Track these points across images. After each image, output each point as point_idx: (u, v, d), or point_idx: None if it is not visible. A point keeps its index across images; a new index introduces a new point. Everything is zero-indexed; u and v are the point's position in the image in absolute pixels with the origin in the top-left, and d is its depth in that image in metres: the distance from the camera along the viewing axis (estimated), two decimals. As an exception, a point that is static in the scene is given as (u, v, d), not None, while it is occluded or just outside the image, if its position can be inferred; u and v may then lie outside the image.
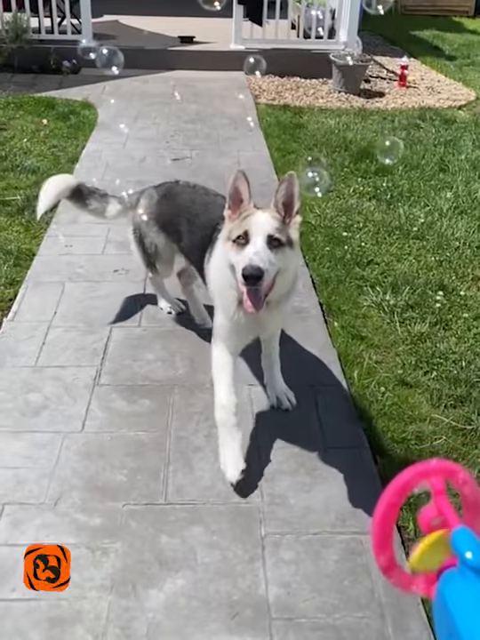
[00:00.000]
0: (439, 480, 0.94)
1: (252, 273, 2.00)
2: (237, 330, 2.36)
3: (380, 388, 2.84)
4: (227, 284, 2.25)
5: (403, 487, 0.94)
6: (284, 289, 2.25)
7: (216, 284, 2.40)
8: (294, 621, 1.91)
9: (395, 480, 0.95)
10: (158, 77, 7.12)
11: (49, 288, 3.37)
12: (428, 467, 0.95)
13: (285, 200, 2.16)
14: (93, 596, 1.94)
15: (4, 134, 5.28)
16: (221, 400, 2.35)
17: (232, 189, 2.19)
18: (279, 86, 7.20)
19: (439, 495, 0.94)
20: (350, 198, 4.60)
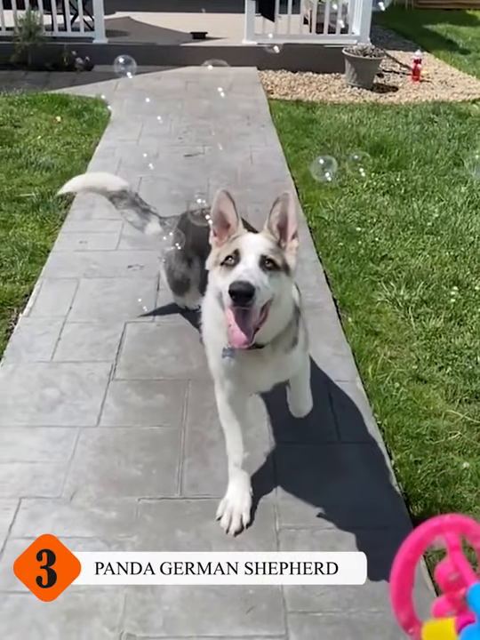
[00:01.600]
0: (454, 535, 0.95)
1: (240, 288, 1.70)
2: (232, 379, 2.09)
3: (395, 383, 2.84)
4: (216, 323, 1.97)
5: (418, 543, 0.95)
6: (278, 324, 1.93)
7: (205, 324, 2.11)
8: (309, 615, 1.92)
9: (410, 536, 0.96)
10: (171, 73, 7.13)
11: (64, 284, 3.39)
12: (442, 522, 0.95)
13: (280, 222, 1.92)
14: (110, 589, 1.96)
15: (18, 131, 5.31)
16: (232, 457, 2.24)
17: (216, 213, 1.93)
18: (292, 81, 7.17)
19: (455, 551, 0.94)
20: (364, 193, 4.58)
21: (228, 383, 2.12)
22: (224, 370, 2.07)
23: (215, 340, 2.03)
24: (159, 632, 1.85)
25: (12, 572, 1.97)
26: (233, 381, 2.10)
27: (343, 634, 1.88)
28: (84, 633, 1.84)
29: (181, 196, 4.42)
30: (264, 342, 1.93)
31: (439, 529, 0.95)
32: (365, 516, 2.23)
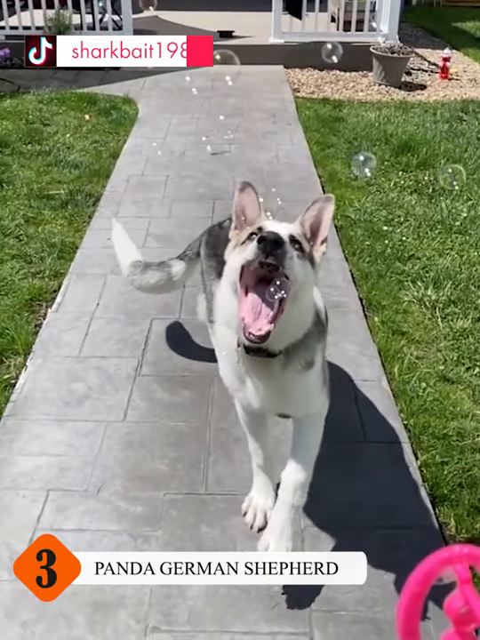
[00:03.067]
0: (464, 567, 0.90)
1: (269, 236, 1.51)
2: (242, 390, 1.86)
3: (421, 383, 2.81)
4: (226, 323, 1.79)
5: (426, 576, 0.91)
6: (295, 325, 1.69)
7: (216, 325, 1.92)
8: (334, 614, 1.92)
9: (417, 568, 0.92)
10: (198, 72, 7.11)
11: (92, 280, 3.43)
12: (451, 553, 0.91)
13: (313, 222, 1.76)
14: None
15: (47, 129, 5.38)
16: (254, 459, 2.19)
17: (238, 205, 1.77)
18: (318, 79, 7.15)
19: (465, 584, 0.90)
20: (391, 192, 4.55)
21: (239, 397, 1.95)
22: (227, 380, 1.90)
23: (225, 344, 1.82)
24: (184, 626, 1.87)
25: (39, 563, 2.00)
26: (244, 395, 1.88)
27: (367, 632, 1.87)
28: (109, 624, 1.86)
29: (207, 195, 4.45)
30: (276, 349, 1.70)
31: (448, 560, 0.91)
32: (391, 515, 2.22)
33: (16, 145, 5.00)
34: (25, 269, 3.46)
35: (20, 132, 5.22)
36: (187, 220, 4.09)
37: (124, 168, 4.82)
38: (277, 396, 1.84)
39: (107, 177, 4.64)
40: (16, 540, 2.08)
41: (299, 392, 1.87)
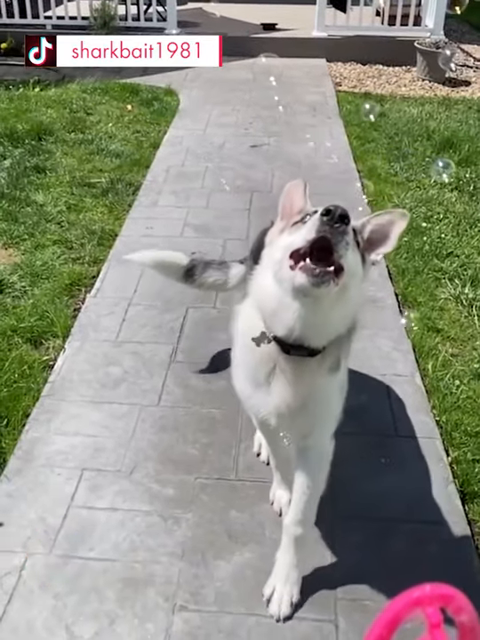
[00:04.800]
0: (435, 610, 0.82)
1: (335, 209, 1.37)
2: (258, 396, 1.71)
3: (455, 381, 2.80)
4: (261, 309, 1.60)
5: (393, 619, 0.83)
6: (339, 322, 1.56)
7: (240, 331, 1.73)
8: (359, 603, 1.93)
9: (384, 610, 0.84)
10: (240, 64, 7.16)
11: (130, 267, 3.47)
12: (422, 594, 0.83)
13: (376, 232, 1.56)
14: (165, 561, 2.02)
15: (90, 119, 5.46)
16: (272, 461, 2.21)
17: (286, 197, 1.67)
18: (361, 74, 7.10)
19: (435, 629, 0.82)
20: (431, 189, 4.50)
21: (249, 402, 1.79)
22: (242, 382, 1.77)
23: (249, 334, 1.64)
24: (211, 606, 1.90)
25: (73, 538, 2.07)
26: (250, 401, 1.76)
27: (392, 624, 1.88)
28: (138, 601, 1.91)
29: (245, 187, 4.47)
30: (319, 345, 1.56)
31: (418, 602, 0.83)
32: (419, 510, 2.22)
33: (60, 133, 5.09)
34: (65, 255, 3.54)
35: (64, 121, 5.31)
36: (225, 212, 4.12)
37: (165, 158, 4.87)
38: (300, 403, 1.67)
39: (147, 167, 4.70)
40: (51, 515, 2.14)
41: (321, 399, 1.71)
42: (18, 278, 3.27)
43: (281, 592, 1.91)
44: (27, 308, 3.06)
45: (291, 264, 1.45)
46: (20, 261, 3.44)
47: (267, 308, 1.56)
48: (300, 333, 1.52)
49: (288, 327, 1.52)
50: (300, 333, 1.52)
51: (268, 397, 1.68)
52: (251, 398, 1.76)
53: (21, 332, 2.90)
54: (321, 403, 1.73)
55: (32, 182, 4.28)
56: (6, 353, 2.77)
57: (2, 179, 4.26)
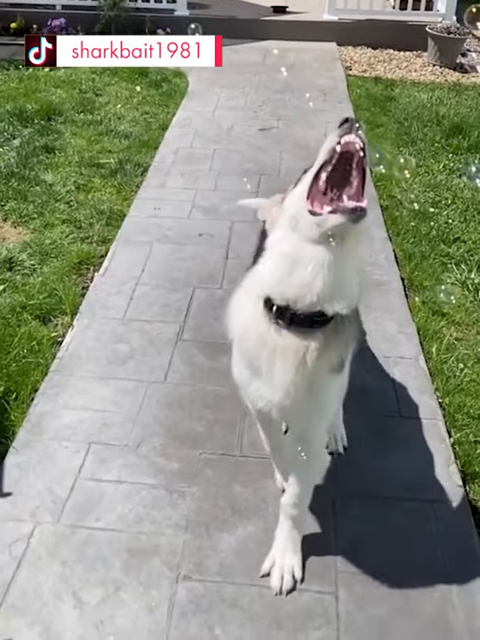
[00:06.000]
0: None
1: (351, 119, 1.39)
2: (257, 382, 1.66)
3: (459, 364, 2.82)
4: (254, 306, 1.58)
5: None
6: (350, 283, 1.50)
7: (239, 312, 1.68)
8: (359, 576, 1.97)
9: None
10: (249, 47, 7.11)
11: (138, 247, 3.51)
12: None
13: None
14: (170, 533, 2.07)
15: (99, 99, 5.46)
16: (266, 447, 2.19)
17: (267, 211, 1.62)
18: (371, 58, 7.05)
19: None
20: (439, 174, 4.50)
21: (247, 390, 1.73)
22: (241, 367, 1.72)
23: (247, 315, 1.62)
24: (214, 577, 1.95)
25: (80, 509, 2.11)
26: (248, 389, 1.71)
27: (392, 596, 1.92)
28: (144, 570, 1.95)
29: (253, 170, 4.47)
30: (330, 310, 1.49)
31: None
32: (421, 488, 2.25)
33: (69, 113, 5.10)
34: (74, 234, 3.56)
35: (74, 101, 5.31)
36: (232, 194, 4.12)
37: (173, 140, 4.87)
38: (301, 393, 1.61)
39: (155, 148, 4.71)
40: (58, 486, 2.19)
41: (322, 393, 1.66)
42: (27, 256, 3.31)
43: (281, 567, 1.96)
44: (36, 285, 3.09)
45: (310, 209, 1.43)
46: (30, 240, 3.47)
47: (280, 274, 1.49)
48: (318, 291, 1.45)
49: (306, 285, 1.46)
50: (318, 291, 1.45)
51: (268, 387, 1.63)
52: (249, 387, 1.71)
53: (30, 308, 2.94)
54: (320, 399, 1.68)
55: (41, 162, 4.30)
56: (15, 329, 2.81)
57: (11, 158, 4.28)
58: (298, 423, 1.82)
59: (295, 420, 1.81)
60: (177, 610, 1.86)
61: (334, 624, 1.85)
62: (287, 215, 1.50)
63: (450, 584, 1.97)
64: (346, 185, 1.42)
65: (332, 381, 1.67)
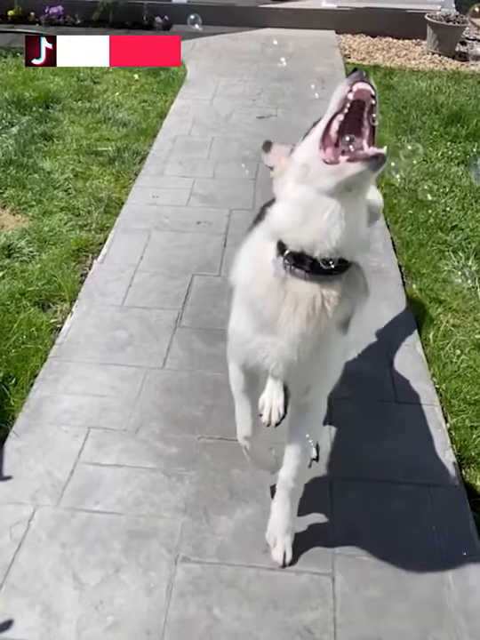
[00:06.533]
0: None
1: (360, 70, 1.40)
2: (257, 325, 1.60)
3: (456, 350, 2.84)
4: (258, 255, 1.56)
5: None
6: (363, 230, 1.51)
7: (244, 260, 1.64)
8: (356, 558, 2.00)
9: None
10: (248, 35, 7.08)
11: (136, 235, 3.52)
12: None
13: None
14: (168, 516, 2.09)
15: (97, 87, 5.44)
16: (241, 432, 1.97)
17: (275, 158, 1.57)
18: (370, 46, 7.02)
19: None
20: (438, 162, 4.50)
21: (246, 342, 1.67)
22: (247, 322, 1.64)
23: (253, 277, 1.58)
24: (212, 558, 1.97)
25: (80, 492, 2.13)
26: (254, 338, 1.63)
27: (388, 577, 1.95)
28: (143, 552, 1.98)
29: (251, 157, 4.47)
30: (348, 255, 1.48)
31: None
32: (417, 472, 2.27)
33: (67, 101, 5.08)
34: (73, 221, 3.57)
35: (71, 89, 5.29)
36: (231, 182, 4.13)
37: (171, 128, 4.86)
38: (309, 346, 1.57)
39: (153, 136, 4.70)
40: (58, 470, 2.21)
41: (329, 350, 1.63)
42: (26, 243, 3.31)
43: (282, 542, 1.98)
44: (34, 272, 3.10)
45: (324, 157, 1.41)
46: (28, 227, 3.47)
47: (293, 221, 1.47)
48: (334, 238, 1.44)
49: (321, 232, 1.44)
50: (334, 238, 1.44)
51: (277, 339, 1.57)
52: (251, 343, 1.64)
53: (29, 295, 2.95)
54: (327, 357, 1.64)
55: (39, 149, 4.29)
56: (15, 315, 2.82)
57: (10, 145, 4.27)
58: (300, 384, 1.76)
59: (298, 380, 1.74)
60: (176, 590, 1.88)
61: (331, 604, 1.87)
62: (298, 165, 1.47)
63: (445, 566, 1.99)
64: (357, 135, 1.40)
65: (338, 340, 1.63)
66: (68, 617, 1.81)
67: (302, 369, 1.64)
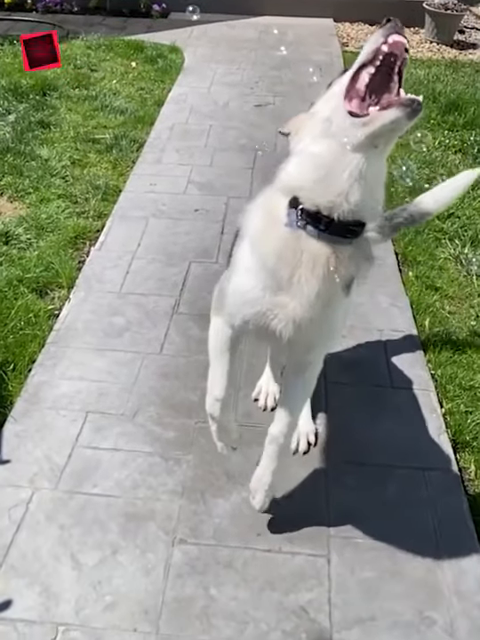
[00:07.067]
0: None
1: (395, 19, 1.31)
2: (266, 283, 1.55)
3: (451, 337, 2.86)
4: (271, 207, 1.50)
5: None
6: (379, 190, 1.46)
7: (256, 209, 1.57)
8: (351, 540, 2.02)
9: None
10: (246, 23, 7.06)
11: (134, 222, 3.52)
12: None
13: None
14: (165, 499, 2.11)
15: (94, 75, 5.42)
16: (213, 393, 1.89)
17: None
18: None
19: None
20: (435, 151, 4.50)
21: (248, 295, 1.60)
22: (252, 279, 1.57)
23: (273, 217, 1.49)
24: (209, 540, 2.00)
25: (77, 475, 2.15)
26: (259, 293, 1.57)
27: (382, 558, 1.97)
28: (140, 533, 2.00)
29: (249, 146, 4.47)
30: (364, 214, 1.43)
31: None
32: (412, 456, 2.29)
33: (64, 89, 5.06)
34: (70, 209, 3.57)
35: (69, 77, 5.27)
36: (228, 170, 4.13)
37: (169, 116, 4.85)
38: (319, 305, 1.53)
39: (151, 124, 4.69)
40: (56, 454, 2.22)
41: (335, 311, 1.61)
42: (23, 230, 3.31)
43: (263, 495, 1.97)
44: (32, 259, 3.11)
45: (350, 109, 1.34)
46: (26, 214, 3.47)
47: (311, 178, 1.40)
48: (355, 200, 1.39)
49: (341, 192, 1.38)
50: (355, 200, 1.39)
51: (289, 298, 1.53)
52: (259, 302, 1.58)
53: (27, 282, 2.95)
54: (333, 318, 1.62)
55: (36, 137, 4.28)
56: (12, 302, 2.82)
57: (7, 133, 4.26)
58: (304, 344, 1.69)
59: (303, 340, 1.66)
60: (173, 571, 1.90)
61: (326, 585, 1.90)
62: (319, 118, 1.39)
63: (439, 548, 2.02)
64: (385, 91, 1.32)
65: (341, 303, 1.60)
66: (66, 597, 1.83)
67: (311, 328, 1.59)
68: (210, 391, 1.90)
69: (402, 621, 1.82)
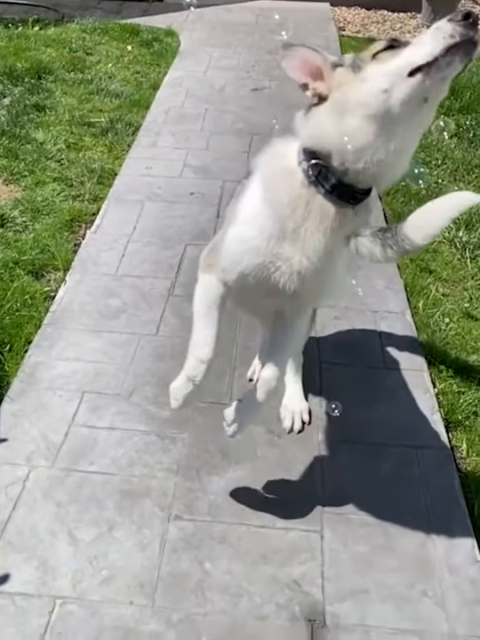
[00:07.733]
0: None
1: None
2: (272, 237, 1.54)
3: (445, 319, 2.88)
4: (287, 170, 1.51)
5: None
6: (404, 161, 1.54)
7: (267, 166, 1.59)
8: (344, 516, 2.05)
9: None
10: (242, 7, 7.01)
11: (129, 205, 3.53)
12: None
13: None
14: (161, 476, 2.13)
15: (90, 59, 5.39)
16: (199, 354, 1.79)
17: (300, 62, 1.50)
18: (365, 19, 6.97)
19: None
20: (431, 135, 4.48)
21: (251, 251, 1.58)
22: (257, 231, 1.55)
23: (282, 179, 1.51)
24: (204, 517, 2.02)
25: (74, 453, 2.18)
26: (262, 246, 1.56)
27: (375, 534, 2.00)
28: (136, 510, 2.02)
29: (245, 130, 4.46)
30: (381, 182, 1.53)
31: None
32: (405, 435, 2.32)
33: (59, 72, 5.04)
34: (66, 192, 3.57)
35: (64, 60, 5.24)
36: (224, 154, 4.13)
37: (164, 100, 4.84)
38: (324, 259, 1.55)
39: (146, 107, 4.68)
40: (53, 433, 2.24)
41: (336, 268, 1.63)
42: (19, 213, 3.31)
43: (240, 422, 1.84)
44: (28, 241, 3.11)
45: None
46: (21, 197, 3.47)
47: (358, 143, 1.41)
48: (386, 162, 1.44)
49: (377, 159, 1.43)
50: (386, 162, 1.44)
51: (294, 251, 1.54)
52: (263, 252, 1.56)
53: (23, 264, 2.96)
54: (336, 270, 1.63)
55: (32, 120, 4.26)
56: (8, 283, 2.83)
57: (2, 116, 4.24)
58: (305, 296, 1.69)
59: (304, 293, 1.65)
60: (168, 547, 1.93)
61: (319, 559, 1.93)
62: (377, 89, 1.38)
63: (430, 524, 2.05)
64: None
65: (343, 258, 1.62)
66: (63, 571, 1.85)
67: (315, 281, 1.60)
68: (194, 352, 1.78)
69: (394, 594, 1.85)
